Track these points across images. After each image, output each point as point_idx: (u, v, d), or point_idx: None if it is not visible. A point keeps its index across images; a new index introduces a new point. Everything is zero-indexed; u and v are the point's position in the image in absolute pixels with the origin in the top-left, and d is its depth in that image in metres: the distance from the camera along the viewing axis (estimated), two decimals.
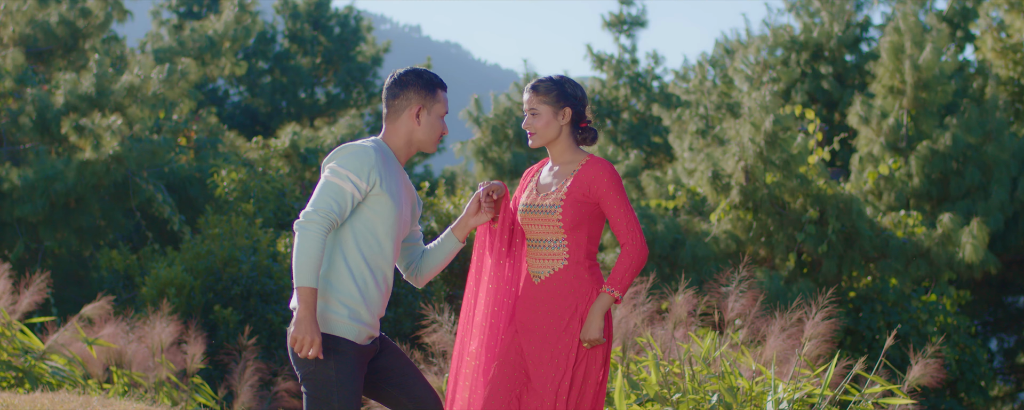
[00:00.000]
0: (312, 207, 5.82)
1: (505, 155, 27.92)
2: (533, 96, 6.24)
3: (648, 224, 20.19)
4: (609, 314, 6.18)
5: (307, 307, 5.71)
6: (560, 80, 6.25)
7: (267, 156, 24.54)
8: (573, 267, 6.13)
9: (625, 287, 6.05)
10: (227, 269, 19.40)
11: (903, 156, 21.57)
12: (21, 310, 13.48)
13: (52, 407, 10.04)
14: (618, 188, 6.09)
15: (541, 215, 6.16)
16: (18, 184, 21.75)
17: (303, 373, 5.88)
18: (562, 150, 6.24)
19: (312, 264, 5.72)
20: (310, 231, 5.76)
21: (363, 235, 5.93)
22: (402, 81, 6.16)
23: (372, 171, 5.91)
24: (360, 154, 5.93)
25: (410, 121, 6.12)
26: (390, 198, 5.94)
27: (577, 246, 6.13)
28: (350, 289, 5.88)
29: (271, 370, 17.05)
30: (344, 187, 5.85)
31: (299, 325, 5.69)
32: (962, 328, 20.68)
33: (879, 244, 19.51)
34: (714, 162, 20.22)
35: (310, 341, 5.68)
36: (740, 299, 10.06)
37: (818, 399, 9.18)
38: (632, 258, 6.04)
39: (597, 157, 6.19)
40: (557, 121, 6.18)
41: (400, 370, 6.16)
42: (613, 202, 6.08)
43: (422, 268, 6.35)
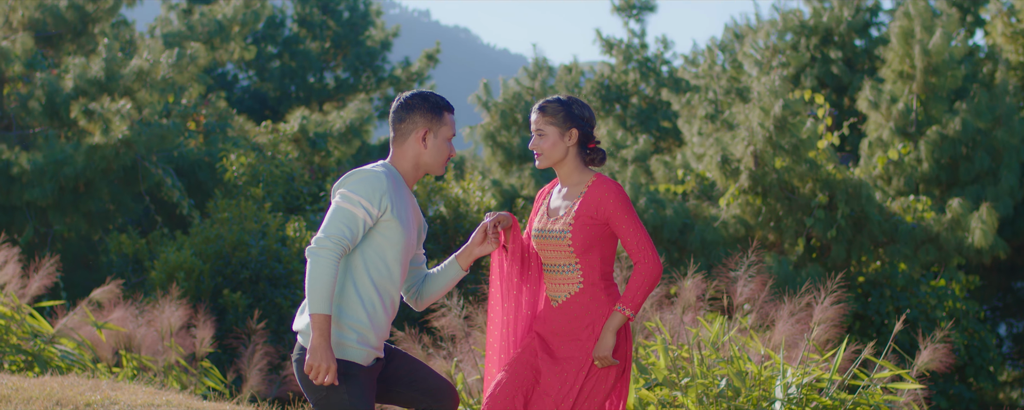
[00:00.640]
0: (324, 233, 5.81)
1: (514, 139, 27.89)
2: (540, 117, 6.20)
3: (657, 209, 20.18)
4: (628, 333, 6.17)
5: (322, 335, 5.72)
6: (567, 101, 6.21)
7: (276, 140, 24.55)
8: (589, 289, 6.12)
9: (638, 305, 6.03)
10: (236, 253, 19.43)
11: (912, 141, 21.54)
12: (30, 294, 13.50)
13: (61, 391, 10.05)
14: (626, 207, 6.06)
15: (552, 240, 6.14)
16: (28, 168, 21.76)
17: (315, 398, 5.88)
18: (570, 171, 6.21)
19: (326, 291, 5.72)
20: (323, 258, 5.75)
21: (373, 260, 5.93)
22: (408, 105, 6.13)
23: (384, 197, 5.91)
24: (371, 180, 5.92)
25: (417, 144, 6.11)
26: (400, 224, 5.94)
27: (590, 268, 6.11)
28: (359, 314, 5.89)
29: (280, 354, 17.08)
30: (356, 213, 5.85)
31: (314, 353, 5.70)
32: (971, 313, 20.66)
33: (888, 229, 19.49)
34: (723, 147, 20.20)
35: (326, 368, 5.69)
36: (749, 284, 10.06)
37: (827, 384, 9.18)
38: (645, 276, 6.01)
39: (603, 177, 6.16)
40: (563, 142, 6.15)
41: (408, 370, 6.17)
42: (622, 221, 6.05)
43: (423, 293, 6.34)
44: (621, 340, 6.14)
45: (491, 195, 24.06)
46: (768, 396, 9.15)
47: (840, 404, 9.02)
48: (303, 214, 22.39)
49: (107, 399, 9.99)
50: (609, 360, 6.01)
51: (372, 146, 33.20)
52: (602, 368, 6.07)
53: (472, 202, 22.69)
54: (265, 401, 12.80)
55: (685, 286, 10.32)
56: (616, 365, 6.13)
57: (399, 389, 6.16)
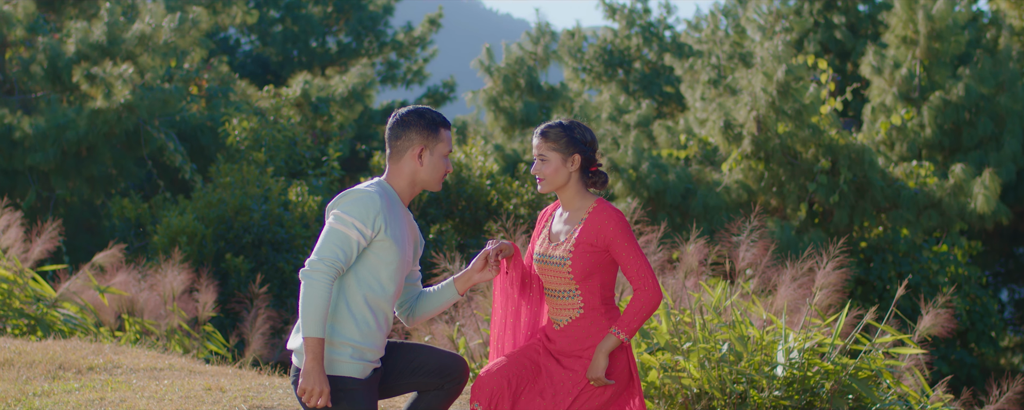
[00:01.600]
0: (317, 256, 5.79)
1: (516, 104, 27.86)
2: (542, 142, 6.15)
3: (660, 174, 20.18)
4: (630, 354, 6.15)
5: (315, 358, 5.71)
6: (569, 126, 6.16)
7: (278, 105, 24.53)
8: (589, 314, 6.10)
9: (633, 331, 6.01)
10: (238, 218, 19.44)
11: (916, 106, 21.51)
12: (33, 258, 13.51)
13: (64, 354, 10.08)
14: (626, 234, 6.03)
15: (553, 266, 6.12)
16: (30, 133, 21.76)
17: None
18: (571, 196, 6.18)
19: (319, 314, 5.71)
20: (317, 281, 5.74)
21: (366, 279, 5.91)
22: (404, 122, 6.09)
23: (378, 217, 5.88)
24: (365, 201, 5.89)
25: (413, 161, 6.07)
26: (395, 244, 5.92)
27: (591, 294, 6.10)
28: (352, 332, 5.88)
29: (282, 318, 17.10)
30: (350, 235, 5.83)
31: (307, 376, 5.70)
32: (973, 278, 20.68)
33: (891, 194, 19.49)
34: (726, 112, 20.18)
35: (319, 391, 5.69)
36: (751, 249, 10.06)
37: (829, 348, 9.19)
38: (644, 303, 5.99)
39: (604, 203, 6.12)
40: (566, 168, 6.11)
41: (407, 360, 6.15)
42: (622, 248, 6.02)
43: (416, 310, 6.33)
44: (622, 357, 6.13)
45: (493, 160, 24.05)
46: (770, 361, 9.16)
47: (842, 369, 9.03)
48: (305, 179, 22.39)
49: (110, 363, 10.01)
50: (603, 381, 5.99)
51: (374, 111, 33.18)
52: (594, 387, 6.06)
53: (474, 167, 22.68)
54: (267, 365, 12.82)
55: (687, 251, 10.32)
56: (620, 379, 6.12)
57: (404, 380, 6.15)
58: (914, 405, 9.52)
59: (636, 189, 20.11)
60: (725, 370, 9.16)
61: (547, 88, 29.04)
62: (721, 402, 9.16)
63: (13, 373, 9.31)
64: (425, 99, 35.67)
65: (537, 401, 6.02)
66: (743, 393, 9.14)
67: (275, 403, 8.42)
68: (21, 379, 9.15)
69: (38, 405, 8.15)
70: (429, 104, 35.45)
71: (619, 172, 20.16)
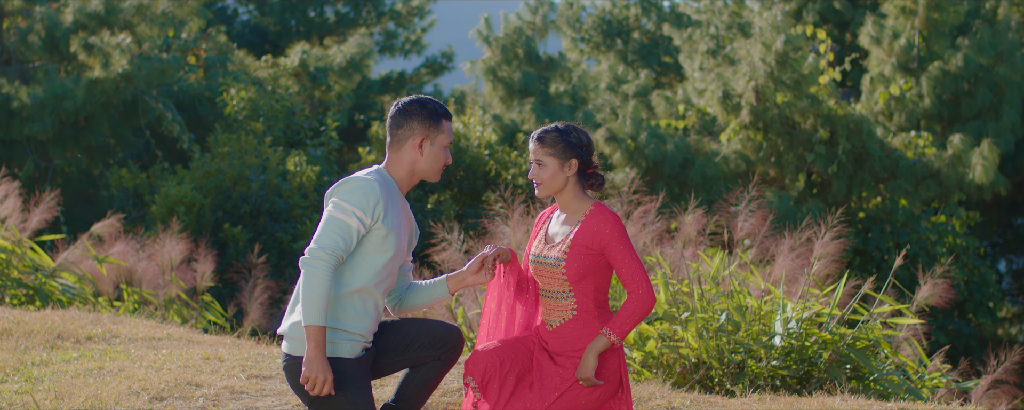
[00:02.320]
0: (317, 244, 5.80)
1: (515, 74, 27.82)
2: (539, 147, 6.14)
3: (658, 144, 20.17)
4: (622, 360, 6.15)
5: (317, 346, 5.71)
6: (565, 130, 6.14)
7: (276, 75, 24.49)
8: (582, 316, 6.11)
9: (624, 333, 6.01)
10: (236, 188, 19.43)
11: (914, 77, 21.48)
12: (31, 228, 13.51)
13: (63, 324, 10.08)
14: (622, 237, 6.03)
15: (547, 267, 6.12)
16: (27, 102, 21.73)
17: (308, 399, 5.88)
18: (569, 199, 6.18)
19: (320, 303, 5.72)
20: (318, 269, 5.75)
21: (361, 266, 5.91)
22: (406, 111, 6.09)
23: (378, 205, 5.89)
24: (365, 189, 5.89)
25: (413, 151, 6.08)
26: (392, 232, 5.92)
27: (584, 296, 6.10)
28: (342, 318, 5.87)
29: (281, 288, 17.11)
30: (350, 223, 5.83)
31: (310, 364, 5.70)
32: (971, 249, 20.69)
33: (889, 165, 19.48)
34: (724, 82, 20.15)
35: (323, 379, 5.69)
36: (749, 219, 10.06)
37: (827, 318, 9.20)
38: (638, 306, 5.99)
39: (601, 206, 6.12)
40: (563, 172, 6.11)
41: (400, 336, 6.14)
42: (617, 252, 6.02)
43: (404, 301, 6.32)
44: (612, 358, 6.13)
45: (491, 130, 24.03)
46: (768, 330, 9.18)
47: (840, 338, 9.05)
48: (303, 148, 22.38)
49: (108, 332, 10.02)
50: (592, 381, 6.00)
51: (372, 81, 33.14)
52: (582, 387, 6.06)
53: (473, 137, 22.67)
54: (266, 335, 12.83)
55: (686, 221, 10.32)
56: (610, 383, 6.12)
57: (399, 357, 6.15)
58: (912, 375, 9.54)
59: (634, 159, 20.10)
60: (723, 340, 9.17)
61: (545, 58, 29.00)
62: (719, 372, 9.18)
63: (12, 343, 9.32)
64: (423, 69, 35.61)
65: (526, 394, 6.04)
66: (741, 363, 9.15)
67: (273, 373, 8.43)
68: (20, 349, 9.16)
69: (37, 374, 8.16)
70: (427, 74, 35.43)
71: (617, 142, 20.16)
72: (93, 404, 7.17)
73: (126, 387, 7.66)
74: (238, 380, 8.14)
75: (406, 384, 6.20)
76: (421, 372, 6.17)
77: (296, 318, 5.89)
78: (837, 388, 8.64)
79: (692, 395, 8.07)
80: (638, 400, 7.84)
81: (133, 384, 7.76)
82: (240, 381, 8.11)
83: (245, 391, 7.85)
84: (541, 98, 27.82)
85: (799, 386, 9.01)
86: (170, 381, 7.88)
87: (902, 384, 9.07)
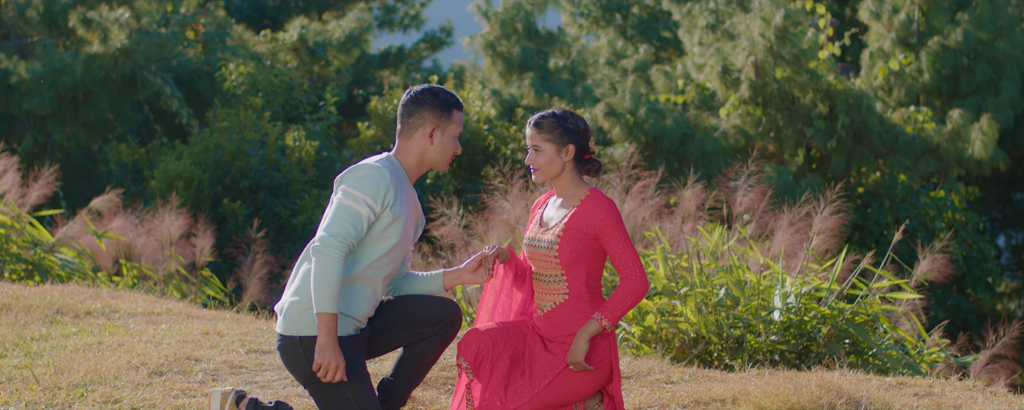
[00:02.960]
0: (328, 232, 5.79)
1: (514, 49, 27.78)
2: (536, 133, 6.14)
3: (657, 119, 20.15)
4: (613, 342, 6.16)
5: (329, 333, 5.72)
6: (562, 115, 6.15)
7: (275, 49, 24.46)
8: (573, 301, 6.12)
9: (616, 318, 6.03)
10: (235, 162, 19.43)
11: (914, 51, 21.45)
12: (30, 203, 13.51)
13: (62, 299, 10.09)
14: (617, 223, 6.03)
15: (541, 250, 6.14)
16: (26, 77, 21.71)
17: (303, 378, 5.89)
18: (565, 184, 6.19)
19: (332, 290, 5.72)
20: (329, 256, 5.75)
21: (365, 252, 5.92)
22: (417, 99, 6.10)
23: (388, 193, 5.90)
24: (375, 176, 5.90)
25: (423, 140, 6.08)
26: (399, 220, 5.94)
27: (576, 281, 6.11)
28: (341, 301, 5.87)
29: (280, 263, 17.12)
30: (360, 211, 5.84)
31: (322, 351, 5.71)
32: (970, 224, 20.69)
33: (888, 140, 19.47)
34: (724, 57, 20.12)
35: (335, 367, 5.70)
36: (748, 194, 10.06)
37: (825, 293, 9.20)
38: (630, 291, 6.01)
39: (597, 192, 6.12)
40: (560, 158, 6.12)
41: (397, 314, 6.14)
42: (611, 238, 6.03)
43: (398, 291, 6.30)
44: (603, 345, 6.14)
45: (491, 105, 24.00)
46: (767, 305, 9.18)
47: (838, 313, 9.05)
48: (302, 123, 22.36)
49: (107, 307, 10.03)
50: (582, 366, 6.01)
51: (371, 55, 33.09)
52: (572, 373, 6.07)
53: (471, 112, 22.65)
54: (265, 309, 12.85)
55: (685, 196, 10.32)
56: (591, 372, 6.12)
57: (396, 335, 6.16)
58: (910, 350, 9.55)
59: (634, 134, 20.09)
60: (722, 315, 9.17)
61: (545, 33, 28.94)
62: (718, 346, 9.19)
63: (11, 317, 9.32)
64: (422, 44, 35.54)
65: (519, 381, 6.06)
66: (740, 337, 9.16)
67: (272, 347, 8.44)
68: (19, 323, 9.16)
69: (36, 349, 8.17)
70: (426, 49, 35.36)
71: (616, 117, 20.14)
72: (92, 378, 7.18)
73: (125, 362, 7.67)
74: (237, 355, 8.15)
75: (405, 360, 6.21)
76: (420, 348, 6.18)
77: (295, 298, 5.89)
78: (836, 363, 8.65)
79: (691, 370, 8.08)
80: (636, 375, 7.86)
81: (132, 359, 7.77)
82: (239, 355, 8.12)
83: (244, 365, 7.86)
84: (540, 73, 27.80)
85: (798, 361, 9.02)
86: (169, 356, 7.89)
87: (901, 359, 9.08)
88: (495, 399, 6.00)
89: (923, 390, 7.37)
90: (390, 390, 6.22)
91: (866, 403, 6.74)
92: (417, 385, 6.31)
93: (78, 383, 7.08)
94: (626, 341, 9.49)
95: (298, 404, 6.91)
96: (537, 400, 6.02)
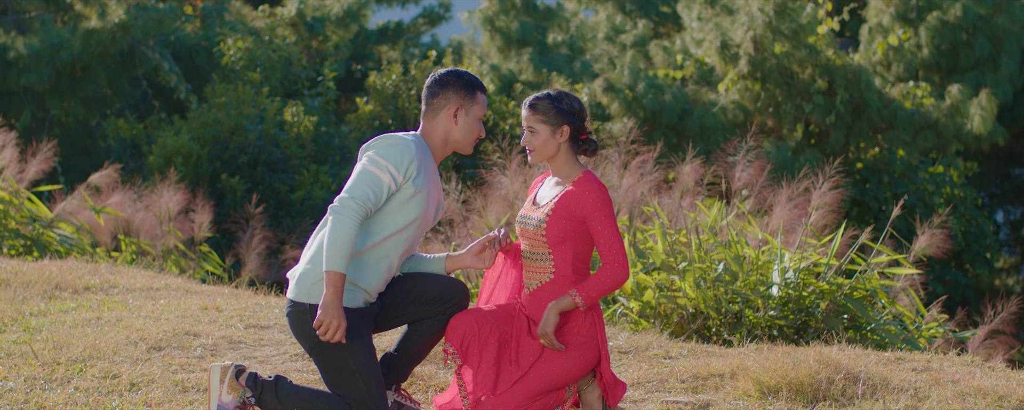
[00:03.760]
0: (348, 194, 5.83)
1: (512, 24, 27.74)
2: (531, 114, 6.15)
3: (656, 94, 20.14)
4: (599, 323, 6.17)
5: (335, 292, 5.74)
6: (557, 96, 6.15)
7: (273, 24, 24.43)
8: (559, 280, 6.14)
9: (591, 299, 6.04)
10: (234, 138, 19.42)
11: (913, 27, 21.43)
12: (28, 178, 13.51)
13: (60, 274, 10.09)
14: (604, 209, 6.03)
15: (530, 228, 6.16)
16: (24, 53, 21.68)
17: (309, 346, 5.92)
18: (561, 165, 6.20)
19: (344, 250, 5.75)
20: (346, 217, 5.78)
21: (386, 223, 5.95)
22: (442, 81, 6.15)
23: (412, 165, 5.94)
24: (401, 147, 5.95)
25: (448, 120, 6.14)
26: (421, 194, 5.97)
27: (562, 261, 6.13)
28: (356, 274, 5.91)
29: (278, 238, 17.12)
30: (382, 178, 5.88)
31: (326, 309, 5.73)
32: (969, 199, 20.70)
33: (887, 115, 19.46)
34: (723, 32, 20.10)
35: (337, 326, 5.71)
36: (747, 169, 10.06)
37: (824, 268, 9.21)
38: (610, 277, 6.02)
39: (589, 175, 6.13)
40: (555, 139, 6.12)
41: (406, 290, 6.18)
42: (598, 223, 6.03)
43: (401, 270, 6.34)
44: (590, 329, 6.15)
45: (489, 80, 23.98)
46: (765, 280, 9.19)
47: (837, 288, 9.06)
48: (301, 99, 22.34)
49: (106, 283, 10.03)
50: (551, 339, 6.01)
51: (369, 31, 33.04)
52: (553, 358, 6.08)
53: None
54: (263, 285, 12.85)
55: (683, 171, 10.31)
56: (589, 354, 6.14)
57: (404, 311, 6.19)
58: (909, 325, 9.56)
59: (632, 109, 20.08)
60: (721, 290, 9.18)
61: (543, 7, 28.89)
62: (716, 322, 9.20)
63: (10, 293, 9.33)
64: (420, 19, 35.48)
65: (508, 367, 6.09)
66: (738, 313, 9.17)
67: (271, 322, 8.45)
68: (18, 299, 9.17)
69: (35, 324, 8.17)
70: (424, 24, 35.30)
71: (615, 92, 20.12)
72: (91, 354, 7.19)
73: (124, 337, 7.67)
74: (236, 330, 8.16)
75: (409, 337, 6.25)
76: (425, 326, 6.23)
77: (309, 266, 5.91)
78: (834, 338, 8.66)
79: (689, 345, 8.09)
80: (635, 350, 7.86)
81: (131, 334, 7.77)
82: (238, 331, 8.13)
83: (243, 341, 7.87)
84: (539, 48, 27.76)
85: (796, 336, 9.03)
86: (168, 331, 7.89)
87: (899, 334, 9.09)
88: (486, 384, 6.02)
89: (921, 365, 7.38)
90: (393, 365, 6.26)
91: (864, 378, 6.76)
92: (419, 362, 6.35)
93: (77, 358, 7.09)
94: (625, 316, 9.50)
95: (297, 379, 6.92)
96: (526, 385, 6.04)
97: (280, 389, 5.97)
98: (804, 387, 6.60)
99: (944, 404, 6.46)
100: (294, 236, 17.29)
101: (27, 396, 6.37)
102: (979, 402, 6.49)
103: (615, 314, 9.54)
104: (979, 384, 6.74)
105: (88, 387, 6.56)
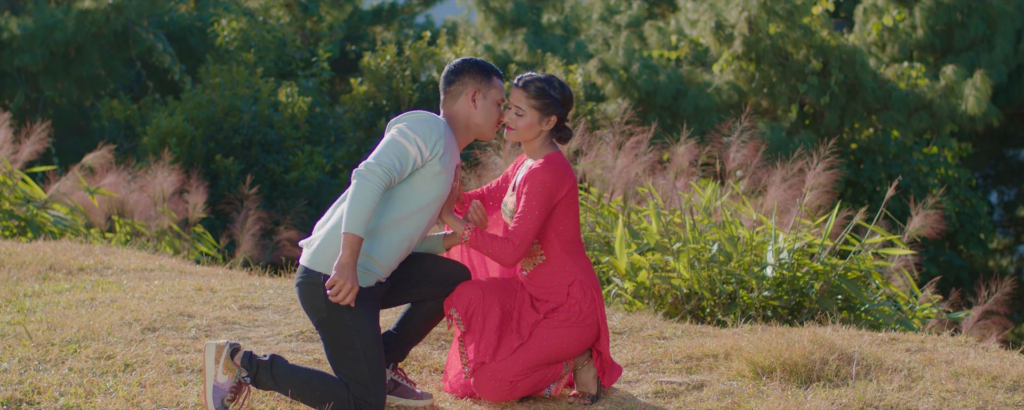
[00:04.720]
0: (375, 160, 5.88)
1: (507, 5, 27.71)
2: (524, 96, 6.14)
3: (650, 75, 20.12)
4: (599, 302, 6.17)
5: (351, 253, 5.77)
6: (551, 83, 6.14)
7: (268, 5, 24.38)
8: (552, 260, 6.16)
9: (476, 245, 6.09)
10: (228, 119, 19.39)
11: (907, 7, 21.41)
12: (22, 159, 13.49)
13: (55, 255, 10.08)
14: (543, 191, 6.01)
15: (506, 217, 6.20)
16: (18, 33, 21.65)
17: (317, 320, 5.94)
18: (536, 148, 6.23)
19: (364, 214, 5.78)
20: (370, 182, 5.82)
21: (410, 199, 6.00)
22: (458, 68, 6.27)
23: (439, 142, 6.00)
24: (431, 123, 6.03)
25: (467, 105, 6.22)
26: (445, 174, 6.03)
27: (547, 243, 6.16)
28: (374, 248, 5.94)
29: (272, 219, 17.11)
30: (409, 149, 5.93)
31: (341, 269, 5.75)
32: (963, 180, 20.71)
33: (881, 96, 19.46)
34: (717, 13, 20.09)
35: (349, 288, 5.73)
36: (741, 150, 10.06)
37: (818, 249, 9.22)
38: (505, 251, 6.01)
39: (553, 157, 6.14)
40: (540, 126, 6.14)
41: (413, 270, 6.25)
42: (528, 199, 6.03)
43: None
44: (590, 304, 6.16)
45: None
46: (760, 261, 9.19)
47: (831, 269, 9.07)
48: (295, 79, 22.32)
49: (100, 264, 10.03)
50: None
51: (364, 11, 33.00)
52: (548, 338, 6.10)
53: None
54: (258, 265, 12.85)
55: (678, 152, 10.32)
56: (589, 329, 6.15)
57: (409, 290, 6.25)
58: (903, 305, 9.57)
59: (627, 90, 20.07)
60: (715, 270, 9.19)
61: None
62: (711, 302, 9.21)
63: (4, 274, 9.32)
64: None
65: (509, 336, 6.13)
66: (733, 293, 9.18)
67: (265, 303, 8.45)
68: (11, 280, 9.16)
69: (29, 305, 8.17)
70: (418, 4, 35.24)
71: (610, 73, 20.12)
72: (85, 334, 7.18)
73: (118, 318, 7.67)
74: (230, 311, 8.16)
75: (410, 316, 6.31)
76: (427, 306, 6.30)
77: (330, 237, 5.93)
78: (828, 318, 8.67)
79: (684, 325, 8.09)
80: (629, 330, 7.87)
81: (125, 315, 7.77)
82: (232, 312, 8.13)
83: (237, 322, 7.86)
84: (533, 28, 27.73)
85: (790, 316, 9.05)
86: (162, 312, 7.89)
87: (893, 314, 9.10)
88: (488, 350, 6.05)
89: (915, 345, 7.39)
90: (392, 343, 6.33)
91: (858, 358, 6.77)
92: (418, 342, 6.41)
93: (71, 339, 7.08)
94: (619, 297, 9.51)
95: (292, 359, 6.92)
96: (526, 354, 6.07)
97: (276, 368, 5.98)
98: (798, 367, 6.61)
99: (938, 384, 6.47)
100: (288, 217, 17.28)
101: (21, 377, 6.37)
102: (973, 382, 6.51)
103: (610, 295, 9.55)
104: (973, 364, 6.75)
105: (82, 368, 6.56)
